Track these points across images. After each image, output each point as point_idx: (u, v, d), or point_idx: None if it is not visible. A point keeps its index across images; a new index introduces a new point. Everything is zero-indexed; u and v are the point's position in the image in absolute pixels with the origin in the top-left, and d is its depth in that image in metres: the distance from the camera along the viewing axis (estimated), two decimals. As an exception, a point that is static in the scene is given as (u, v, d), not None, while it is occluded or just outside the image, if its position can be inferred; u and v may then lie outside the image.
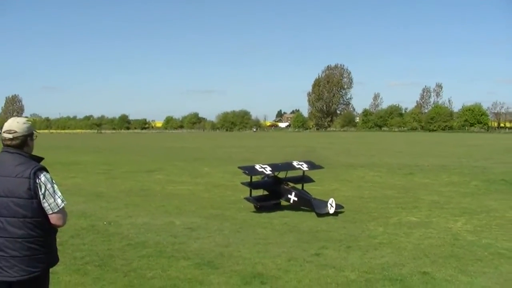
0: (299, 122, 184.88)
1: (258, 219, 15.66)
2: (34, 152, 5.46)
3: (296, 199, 16.88)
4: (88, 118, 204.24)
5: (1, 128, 5.44)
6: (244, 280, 9.44)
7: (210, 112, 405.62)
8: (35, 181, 5.05)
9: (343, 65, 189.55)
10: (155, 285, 9.22)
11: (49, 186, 5.15)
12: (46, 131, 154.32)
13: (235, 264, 10.59)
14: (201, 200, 19.37)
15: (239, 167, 17.69)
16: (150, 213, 16.52)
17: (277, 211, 16.78)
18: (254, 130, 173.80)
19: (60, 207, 5.19)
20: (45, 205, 5.09)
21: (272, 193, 17.60)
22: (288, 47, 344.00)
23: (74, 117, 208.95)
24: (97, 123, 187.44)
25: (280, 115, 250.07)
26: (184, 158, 42.03)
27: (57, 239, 12.27)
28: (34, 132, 5.43)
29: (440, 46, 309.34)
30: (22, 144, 5.29)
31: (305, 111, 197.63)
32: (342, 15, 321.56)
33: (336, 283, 9.32)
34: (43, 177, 5.13)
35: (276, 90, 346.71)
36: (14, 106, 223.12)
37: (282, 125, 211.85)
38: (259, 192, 17.78)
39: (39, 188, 5.07)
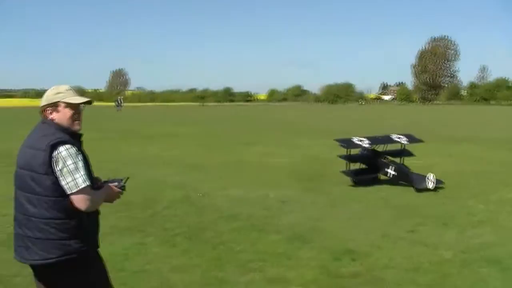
0: (403, 95, 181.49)
1: (354, 193, 15.33)
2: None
3: (394, 173, 16.43)
4: (192, 91, 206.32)
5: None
6: (334, 256, 9.18)
7: (314, 84, 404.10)
8: (51, 155, 4.43)
9: (449, 37, 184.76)
10: (243, 258, 9.06)
11: (69, 162, 4.45)
12: (150, 103, 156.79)
13: (326, 239, 10.33)
14: (297, 173, 19.11)
15: (335, 140, 17.33)
16: (245, 186, 16.39)
17: (374, 185, 16.38)
18: (362, 103, 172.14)
19: (80, 187, 4.44)
20: (63, 183, 4.44)
21: (370, 166, 17.20)
22: (391, 18, 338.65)
23: (178, 90, 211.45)
24: (200, 96, 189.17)
25: (384, 88, 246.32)
26: (283, 130, 41.80)
27: (150, 210, 12.61)
28: (65, 102, 4.73)
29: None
30: (49, 115, 4.71)
31: (409, 83, 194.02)
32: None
33: (429, 261, 8.92)
34: (64, 151, 4.46)
35: (380, 62, 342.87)
36: (120, 80, 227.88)
37: (386, 97, 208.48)
38: (357, 166, 17.41)
39: (55, 163, 4.44)
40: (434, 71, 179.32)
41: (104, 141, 31.03)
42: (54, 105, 4.72)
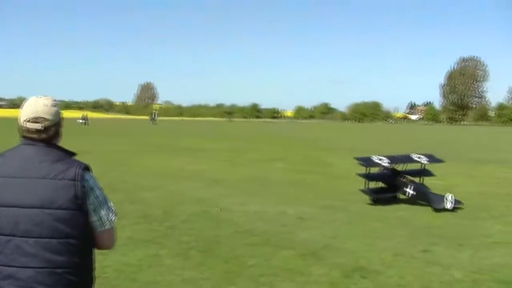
0: (431, 114, 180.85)
1: (372, 211, 15.38)
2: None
3: (413, 192, 16.45)
4: (219, 106, 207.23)
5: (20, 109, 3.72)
6: (345, 273, 9.25)
7: (341, 102, 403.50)
8: (82, 185, 3.54)
9: (478, 57, 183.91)
10: (254, 273, 9.16)
11: (98, 192, 3.66)
12: (178, 118, 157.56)
13: (339, 256, 10.40)
14: (318, 190, 19.22)
15: (355, 158, 17.43)
16: (264, 201, 16.50)
17: (393, 204, 16.41)
18: (392, 122, 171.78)
19: (113, 222, 3.75)
20: (94, 219, 3.62)
21: (389, 185, 17.24)
22: (420, 38, 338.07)
23: (206, 105, 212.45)
24: (228, 111, 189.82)
25: (411, 107, 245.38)
26: (309, 148, 41.92)
27: (167, 223, 12.80)
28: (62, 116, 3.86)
29: None
30: (55, 135, 3.75)
31: (437, 103, 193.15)
32: (473, 9, 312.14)
33: (440, 281, 8.97)
34: (91, 180, 3.64)
35: (408, 81, 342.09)
36: (148, 93, 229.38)
37: (413, 117, 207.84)
38: (377, 185, 17.46)
39: (87, 195, 3.58)
40: (462, 92, 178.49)
41: (128, 154, 31.38)
42: (61, 122, 3.83)
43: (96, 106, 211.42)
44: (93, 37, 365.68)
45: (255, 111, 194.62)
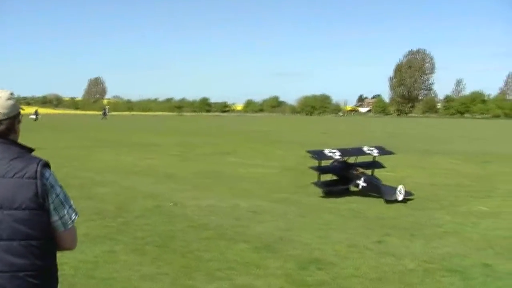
0: (379, 107, 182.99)
1: (325, 204, 15.53)
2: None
3: (365, 184, 16.66)
4: (169, 100, 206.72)
5: None
6: (300, 265, 9.34)
7: (291, 96, 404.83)
8: (43, 183, 3.31)
9: (425, 50, 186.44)
10: (212, 267, 9.19)
11: (59, 190, 3.42)
12: (127, 113, 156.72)
13: (293, 248, 10.49)
14: (270, 184, 19.34)
15: (307, 151, 17.60)
16: (217, 196, 16.54)
17: (345, 196, 16.57)
18: (341, 114, 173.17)
19: (74, 221, 3.51)
20: (55, 218, 3.38)
21: (341, 178, 17.42)
22: (368, 31, 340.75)
23: (156, 100, 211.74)
24: (177, 106, 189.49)
25: (361, 100, 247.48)
26: (259, 141, 42.18)
27: (121, 219, 12.75)
28: (20, 111, 3.65)
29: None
30: (9, 130, 3.49)
31: (386, 96, 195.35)
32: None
33: (393, 271, 9.12)
34: (51, 177, 3.40)
35: (357, 74, 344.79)
36: (97, 88, 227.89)
37: (363, 110, 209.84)
38: (329, 177, 17.64)
39: (48, 194, 3.34)
40: (410, 84, 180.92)
41: (79, 150, 31.16)
42: (17, 117, 3.59)
43: (45, 101, 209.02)
44: (41, 30, 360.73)
45: (205, 105, 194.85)
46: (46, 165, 3.41)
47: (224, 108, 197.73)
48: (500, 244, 11.22)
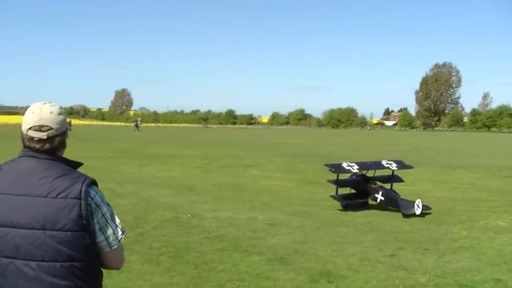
0: (405, 120, 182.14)
1: (342, 217, 15.57)
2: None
3: (383, 198, 16.68)
4: (195, 112, 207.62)
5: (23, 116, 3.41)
6: (312, 278, 9.41)
7: (317, 108, 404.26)
8: (88, 203, 3.22)
9: (452, 63, 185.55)
10: (223, 278, 9.30)
11: (105, 209, 3.34)
12: (153, 124, 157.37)
13: (306, 261, 10.57)
14: (290, 197, 19.41)
15: (325, 165, 17.65)
16: (236, 208, 16.66)
17: (363, 210, 16.60)
18: (368, 128, 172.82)
19: (121, 240, 3.43)
20: (101, 239, 3.30)
21: (359, 191, 17.46)
22: (396, 45, 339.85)
23: (181, 111, 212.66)
24: (203, 118, 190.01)
25: (387, 113, 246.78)
26: (283, 154, 42.17)
27: (139, 229, 12.89)
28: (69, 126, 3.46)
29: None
30: (60, 145, 3.42)
31: (412, 109, 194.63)
32: (450, 12, 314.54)
33: (403, 285, 9.15)
34: (97, 196, 3.32)
35: (384, 87, 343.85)
36: (123, 100, 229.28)
37: (389, 123, 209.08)
38: (347, 191, 17.69)
39: (93, 214, 3.26)
40: (436, 98, 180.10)
41: (102, 161, 31.42)
42: (65, 133, 3.52)
43: (72, 112, 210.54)
44: (69, 41, 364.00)
45: (231, 117, 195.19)
46: (92, 183, 3.31)
47: (250, 120, 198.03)
48: (515, 259, 11.21)
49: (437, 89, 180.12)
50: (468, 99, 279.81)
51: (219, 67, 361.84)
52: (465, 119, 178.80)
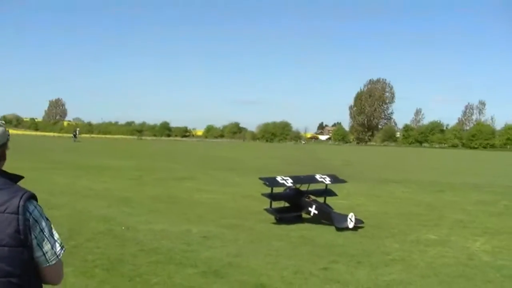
0: (339, 135, 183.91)
1: (276, 230, 15.71)
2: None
3: (316, 212, 16.88)
4: (129, 124, 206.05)
5: None
6: (246, 291, 9.51)
7: (251, 122, 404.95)
8: (26, 218, 3.17)
9: (385, 80, 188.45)
10: (157, 291, 9.33)
11: (43, 224, 3.29)
12: (87, 135, 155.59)
13: (240, 274, 10.66)
14: (224, 210, 19.48)
15: (260, 178, 17.77)
16: (170, 220, 16.66)
17: (297, 223, 16.78)
18: (303, 142, 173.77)
19: (59, 256, 3.37)
20: (38, 254, 3.24)
21: (293, 205, 17.63)
22: (330, 61, 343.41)
23: (116, 123, 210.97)
24: (138, 129, 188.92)
25: (321, 128, 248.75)
26: (218, 167, 42.22)
27: (72, 242, 12.77)
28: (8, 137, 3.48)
29: (484, 63, 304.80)
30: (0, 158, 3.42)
31: (346, 124, 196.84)
32: (385, 29, 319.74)
33: (336, 298, 9.34)
34: (36, 211, 3.28)
35: (318, 102, 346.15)
36: (57, 110, 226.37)
37: (323, 137, 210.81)
38: (281, 204, 17.84)
39: (31, 229, 3.20)
40: (370, 113, 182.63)
41: (36, 172, 30.95)
42: (5, 145, 3.49)
43: (4, 121, 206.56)
44: (1, 50, 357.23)
45: (165, 130, 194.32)
46: (31, 197, 3.26)
47: (185, 133, 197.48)
48: (445, 271, 11.52)
49: (371, 104, 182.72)
50: (401, 114, 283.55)
51: (155, 78, 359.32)
52: (398, 134, 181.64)
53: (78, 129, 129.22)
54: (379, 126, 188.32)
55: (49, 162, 41.20)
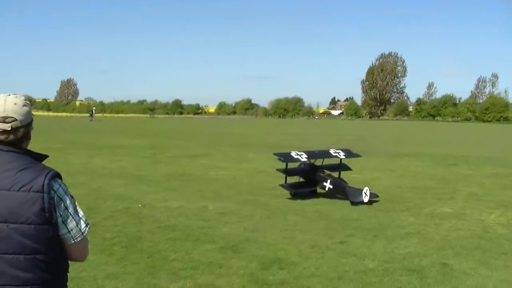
0: (352, 110, 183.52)
1: (291, 205, 15.79)
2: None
3: (331, 186, 16.93)
4: (141, 102, 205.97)
5: None
6: (264, 265, 9.59)
7: (263, 98, 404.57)
8: (51, 196, 3.21)
9: (397, 53, 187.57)
10: (176, 266, 9.42)
11: (68, 202, 3.33)
12: (100, 114, 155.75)
13: (258, 249, 10.75)
14: (240, 186, 19.57)
15: (274, 154, 17.81)
16: (186, 197, 16.75)
17: (312, 198, 16.84)
18: (316, 117, 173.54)
19: (84, 233, 3.43)
20: (64, 231, 3.30)
21: (308, 180, 17.69)
22: (342, 35, 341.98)
23: (128, 102, 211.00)
24: (150, 108, 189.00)
25: (333, 103, 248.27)
26: (231, 144, 42.28)
27: (90, 220, 12.81)
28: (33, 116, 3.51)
29: (496, 36, 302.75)
30: (24, 137, 3.45)
31: (358, 99, 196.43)
32: (397, 2, 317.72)
33: (354, 271, 9.39)
34: (60, 189, 3.31)
35: (330, 77, 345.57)
36: (69, 90, 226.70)
37: (335, 112, 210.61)
38: (296, 179, 17.91)
39: (56, 207, 3.24)
40: (382, 87, 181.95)
41: (51, 152, 31.06)
42: (30, 124, 3.52)
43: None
44: (12, 31, 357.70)
45: (177, 107, 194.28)
46: (56, 176, 3.31)
47: (197, 110, 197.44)
48: (460, 244, 11.54)
49: (383, 78, 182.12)
50: (414, 88, 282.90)
51: (166, 56, 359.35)
52: (410, 109, 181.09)
53: (94, 108, 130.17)
54: (392, 100, 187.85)
55: (64, 142, 41.35)
